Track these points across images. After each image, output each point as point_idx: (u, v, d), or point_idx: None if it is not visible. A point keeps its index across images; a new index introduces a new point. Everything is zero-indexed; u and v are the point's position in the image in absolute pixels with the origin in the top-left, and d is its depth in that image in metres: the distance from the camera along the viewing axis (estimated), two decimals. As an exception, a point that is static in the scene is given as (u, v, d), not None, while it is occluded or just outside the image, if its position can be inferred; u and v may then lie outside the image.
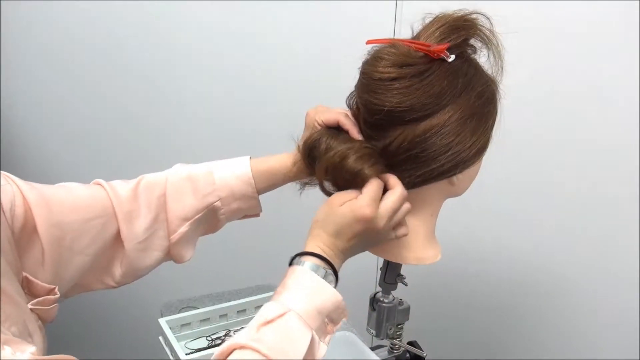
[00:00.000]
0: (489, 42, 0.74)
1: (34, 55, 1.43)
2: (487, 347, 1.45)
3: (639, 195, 1.17)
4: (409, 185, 0.73)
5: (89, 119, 1.51)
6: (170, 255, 0.83)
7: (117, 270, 0.79)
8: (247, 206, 0.83)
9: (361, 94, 0.73)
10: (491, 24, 0.74)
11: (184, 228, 0.81)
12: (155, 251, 0.81)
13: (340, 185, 0.72)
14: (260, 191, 0.83)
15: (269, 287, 1.20)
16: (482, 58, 0.76)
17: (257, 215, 0.87)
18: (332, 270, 0.68)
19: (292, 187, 0.82)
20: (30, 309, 0.65)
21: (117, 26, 1.42)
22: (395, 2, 1.31)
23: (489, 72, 0.76)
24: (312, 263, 0.67)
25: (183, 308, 1.11)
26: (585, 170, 1.23)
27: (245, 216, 0.87)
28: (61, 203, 0.72)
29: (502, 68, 0.75)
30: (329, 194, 0.74)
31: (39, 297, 0.66)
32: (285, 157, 0.82)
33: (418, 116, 0.69)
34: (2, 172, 0.68)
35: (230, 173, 0.82)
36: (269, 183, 0.83)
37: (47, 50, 1.43)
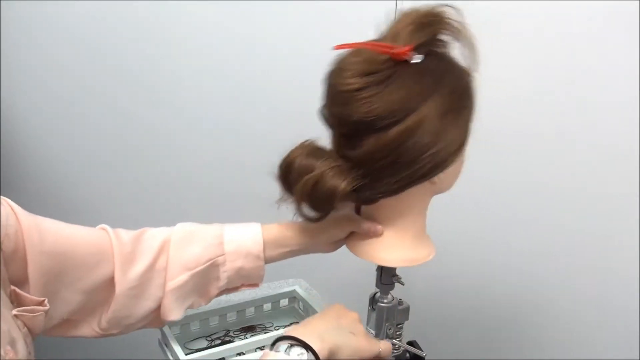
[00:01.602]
0: (460, 34, 0.73)
1: (34, 55, 1.43)
2: (487, 347, 1.45)
3: (639, 194, 1.18)
4: (390, 192, 0.73)
5: (90, 119, 1.51)
6: (159, 310, 0.80)
7: (105, 316, 0.77)
8: (251, 267, 0.82)
9: (329, 107, 0.73)
10: (461, 15, 0.72)
11: (183, 277, 0.79)
12: (147, 300, 0.78)
13: (319, 208, 0.73)
14: (268, 257, 0.83)
15: (269, 288, 1.20)
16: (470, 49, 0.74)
17: (257, 284, 0.85)
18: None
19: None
20: (15, 315, 0.64)
21: (118, 26, 1.42)
22: (395, 2, 1.31)
23: (464, 63, 0.74)
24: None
25: (183, 308, 1.11)
26: (586, 169, 1.23)
27: (243, 285, 0.85)
28: (56, 233, 0.71)
29: (476, 57, 0.73)
30: (306, 218, 0.75)
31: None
32: (297, 226, 0.83)
33: (388, 123, 0.68)
34: (1, 196, 0.68)
35: (240, 230, 0.81)
36: (279, 249, 0.83)
37: (47, 50, 1.43)
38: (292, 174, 0.74)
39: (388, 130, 0.69)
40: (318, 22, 1.38)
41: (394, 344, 0.91)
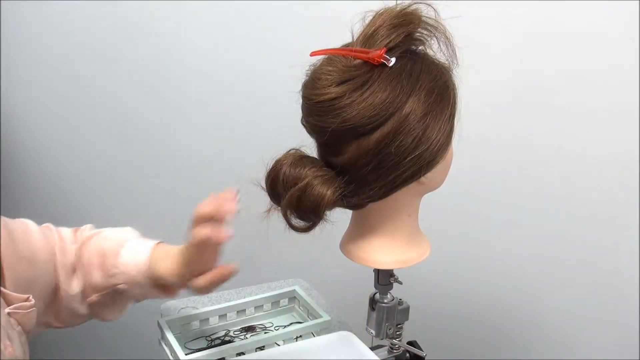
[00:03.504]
0: (436, 31, 0.72)
1: (34, 55, 1.43)
2: (487, 348, 1.45)
3: (639, 194, 1.18)
4: (377, 197, 0.72)
5: (89, 119, 1.51)
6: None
7: (59, 313, 0.80)
8: (150, 294, 0.81)
9: (306, 118, 0.73)
10: (435, 11, 0.71)
11: (94, 297, 0.80)
12: (82, 307, 0.82)
13: (307, 218, 0.73)
14: (165, 284, 0.80)
15: (269, 287, 1.20)
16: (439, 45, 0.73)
17: (172, 297, 0.84)
18: None
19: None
20: (8, 313, 0.65)
21: (118, 27, 1.42)
22: (395, 2, 1.31)
23: (443, 58, 0.73)
24: None
25: (183, 308, 1.11)
26: (585, 172, 1.23)
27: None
28: (24, 238, 0.73)
29: (454, 52, 0.73)
30: (294, 227, 0.74)
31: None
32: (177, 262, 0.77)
33: (367, 129, 0.68)
34: None
35: (133, 259, 0.79)
36: (173, 277, 0.79)
37: (47, 50, 1.43)
38: (278, 185, 0.74)
39: (369, 135, 0.68)
40: (318, 23, 1.37)
41: (393, 344, 0.91)
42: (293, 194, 0.71)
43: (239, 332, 1.04)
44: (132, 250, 0.80)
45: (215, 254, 0.74)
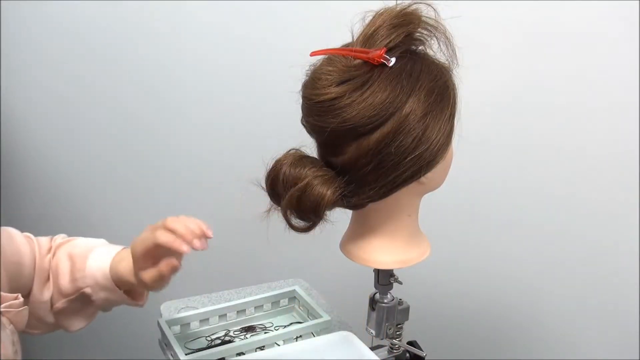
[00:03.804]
0: (436, 31, 0.72)
1: (34, 55, 1.43)
2: (487, 348, 1.45)
3: (639, 194, 1.18)
4: (377, 196, 0.72)
5: (90, 120, 1.51)
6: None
7: (30, 319, 0.79)
8: (115, 298, 0.81)
9: (306, 117, 0.73)
10: (435, 11, 0.71)
11: (61, 304, 0.80)
12: (48, 317, 0.82)
13: (307, 218, 0.72)
14: (128, 287, 0.80)
15: (269, 287, 1.20)
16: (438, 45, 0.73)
17: (139, 305, 0.84)
18: None
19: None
20: (1, 312, 0.65)
21: (118, 27, 1.42)
22: (395, 2, 1.31)
23: (443, 58, 0.73)
24: None
25: (182, 308, 1.11)
26: (586, 174, 1.23)
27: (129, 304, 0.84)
28: (10, 243, 0.74)
29: (454, 52, 0.73)
30: (294, 227, 0.74)
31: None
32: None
33: (367, 129, 0.68)
34: None
35: (98, 262, 0.80)
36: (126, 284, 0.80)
37: (47, 50, 1.43)
38: (278, 185, 0.74)
39: (369, 135, 0.69)
40: (318, 23, 1.37)
41: (393, 344, 0.91)
42: (293, 194, 0.71)
43: (239, 332, 1.04)
44: (99, 255, 0.81)
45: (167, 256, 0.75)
